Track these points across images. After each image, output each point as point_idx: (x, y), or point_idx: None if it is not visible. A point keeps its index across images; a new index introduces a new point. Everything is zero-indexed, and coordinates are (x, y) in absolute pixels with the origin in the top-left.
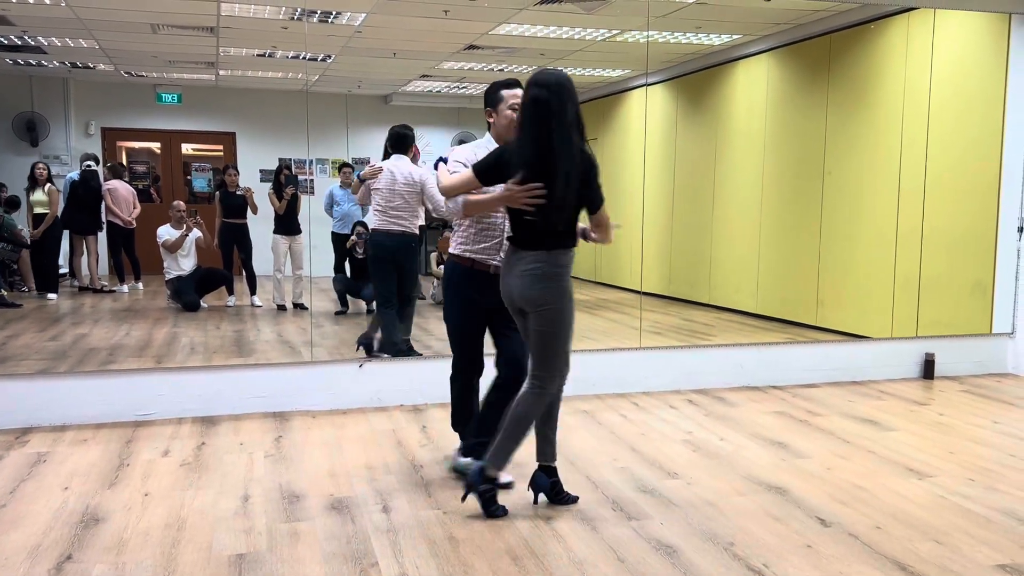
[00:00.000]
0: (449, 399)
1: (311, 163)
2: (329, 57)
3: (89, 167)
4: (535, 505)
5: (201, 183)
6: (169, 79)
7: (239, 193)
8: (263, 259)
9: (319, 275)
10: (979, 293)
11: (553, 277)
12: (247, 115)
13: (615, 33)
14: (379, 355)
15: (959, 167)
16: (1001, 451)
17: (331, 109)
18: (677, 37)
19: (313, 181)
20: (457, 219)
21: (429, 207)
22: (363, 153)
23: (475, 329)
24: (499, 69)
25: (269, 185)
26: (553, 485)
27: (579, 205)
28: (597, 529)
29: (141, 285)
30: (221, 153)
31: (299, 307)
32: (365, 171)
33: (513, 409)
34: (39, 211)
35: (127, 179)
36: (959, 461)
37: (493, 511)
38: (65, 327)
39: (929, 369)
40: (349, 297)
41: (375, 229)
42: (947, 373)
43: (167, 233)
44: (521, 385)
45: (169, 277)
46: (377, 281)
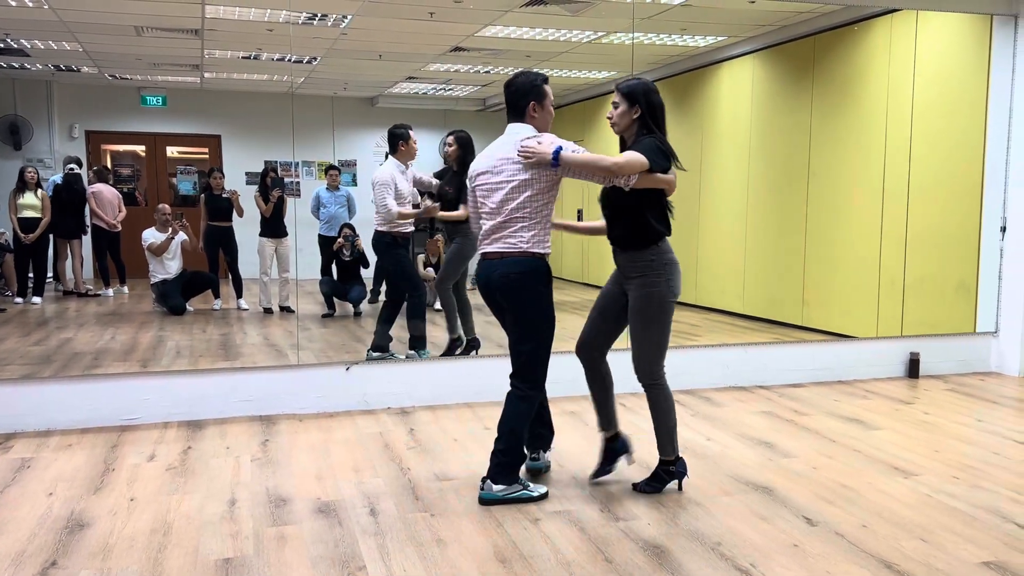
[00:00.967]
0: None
1: (297, 165)
2: (315, 59)
3: (71, 170)
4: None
5: (186, 186)
6: (154, 82)
7: (225, 196)
8: (249, 262)
9: (305, 278)
10: (963, 292)
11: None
12: (232, 118)
13: (600, 35)
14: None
15: (943, 167)
16: (985, 449)
17: (317, 111)
18: (662, 39)
19: (299, 183)
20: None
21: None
22: (349, 155)
23: None
24: (485, 71)
25: (255, 188)
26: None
27: None
28: (585, 530)
29: (126, 289)
30: (206, 156)
31: (285, 310)
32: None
33: (655, 406)
34: (29, 215)
35: (112, 182)
36: (944, 459)
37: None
38: (50, 331)
39: (914, 368)
40: (336, 299)
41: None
42: (932, 372)
43: (152, 236)
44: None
45: (154, 281)
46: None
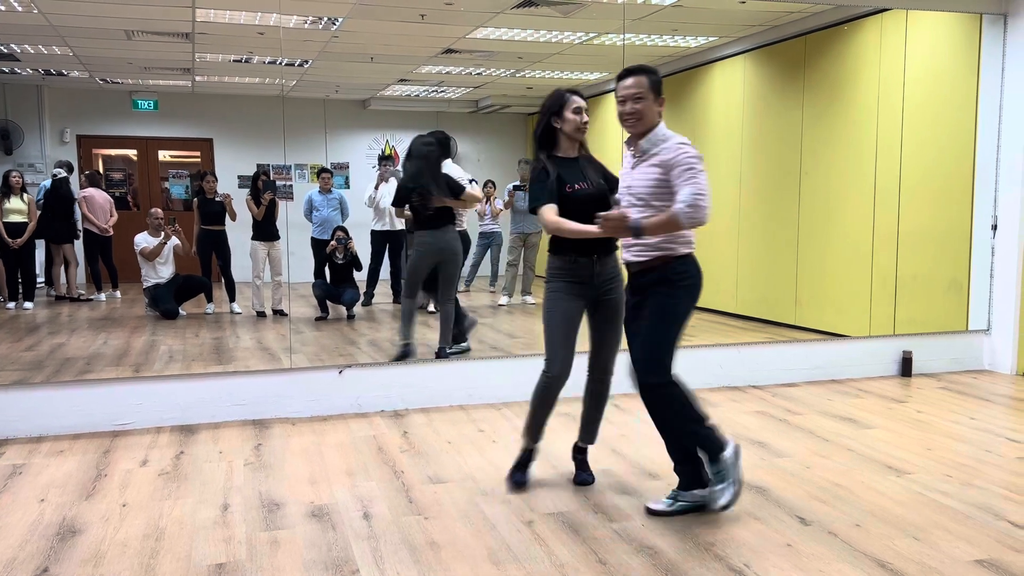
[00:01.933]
0: (434, 404)
1: (289, 168)
2: (306, 62)
3: (57, 175)
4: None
5: (179, 190)
6: (145, 86)
7: (217, 200)
8: (241, 266)
9: (298, 281)
10: (955, 291)
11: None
12: (224, 121)
13: (592, 36)
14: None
15: (934, 166)
16: (978, 447)
17: (309, 114)
18: (653, 39)
19: (292, 187)
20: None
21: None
22: (341, 158)
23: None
24: (477, 72)
25: (247, 191)
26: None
27: None
28: (578, 531)
29: (119, 293)
30: (198, 160)
31: (278, 313)
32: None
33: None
34: (15, 219)
35: (103, 187)
36: (937, 458)
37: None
38: (41, 337)
39: (907, 367)
40: (329, 303)
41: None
42: (924, 370)
43: (145, 241)
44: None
45: (147, 285)
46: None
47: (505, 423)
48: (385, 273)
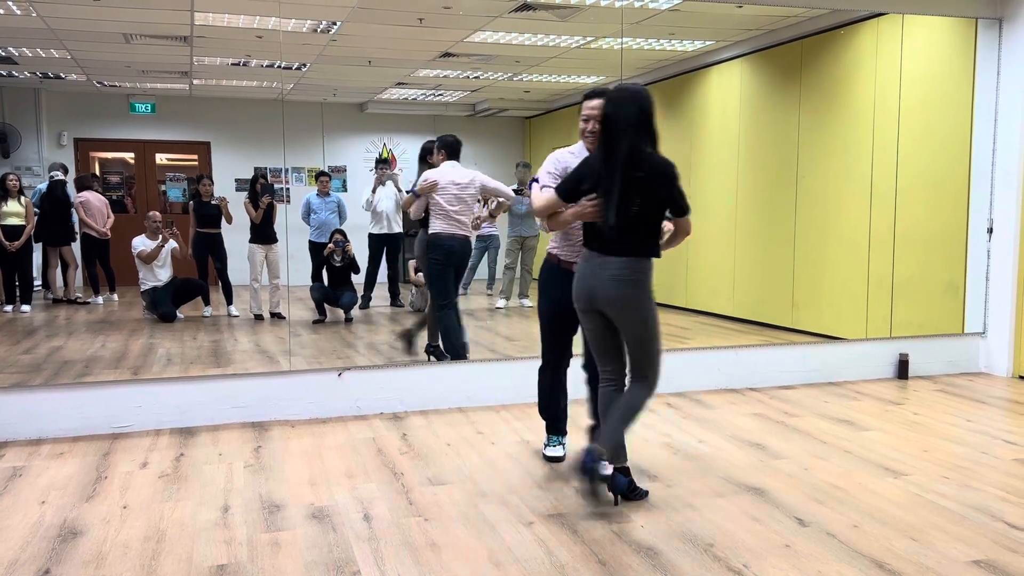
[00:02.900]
0: (433, 407)
1: (287, 172)
2: (304, 65)
3: (53, 177)
4: (615, 506)
5: (176, 193)
6: (142, 89)
7: (213, 203)
8: (239, 269)
9: (296, 284)
10: (951, 294)
11: (640, 283)
12: (222, 124)
13: (589, 40)
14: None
15: (930, 169)
16: (974, 449)
17: (306, 117)
18: (651, 43)
19: (289, 190)
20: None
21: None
22: (339, 161)
23: (561, 324)
24: (474, 76)
25: (245, 194)
26: (629, 483)
27: (648, 213)
28: (578, 533)
29: (116, 296)
30: (196, 163)
31: (276, 316)
32: (421, 186)
33: (628, 401)
34: (13, 222)
35: (100, 189)
36: (934, 459)
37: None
38: (39, 340)
39: (903, 369)
40: (327, 306)
41: (438, 234)
42: (921, 373)
43: (143, 244)
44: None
45: (145, 288)
46: (440, 284)
47: (504, 425)
48: (383, 276)
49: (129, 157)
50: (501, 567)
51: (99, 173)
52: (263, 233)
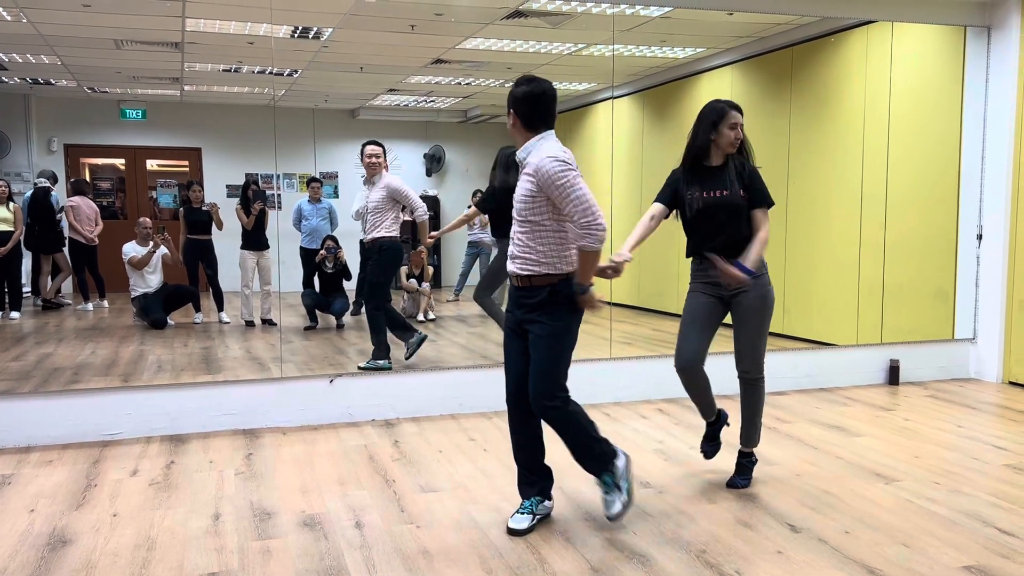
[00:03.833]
0: (425, 413)
1: (278, 178)
2: (296, 72)
3: (37, 184)
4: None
5: (167, 199)
6: (133, 95)
7: (204, 209)
8: (230, 275)
9: (287, 290)
10: (941, 300)
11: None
12: (213, 130)
13: (581, 47)
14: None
15: (919, 176)
16: (965, 454)
17: (298, 124)
18: (642, 50)
19: (280, 196)
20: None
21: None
22: (331, 167)
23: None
24: (466, 83)
25: (236, 200)
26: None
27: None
28: (570, 540)
29: (105, 303)
30: (187, 169)
31: (268, 323)
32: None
33: (756, 400)
34: (1, 228)
35: (90, 195)
36: (924, 465)
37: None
38: (28, 346)
39: (894, 375)
40: (318, 312)
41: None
42: (912, 379)
43: (133, 250)
44: None
45: (135, 294)
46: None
47: (496, 432)
48: None
49: (119, 163)
50: (493, 574)
51: (89, 179)
52: (254, 239)
